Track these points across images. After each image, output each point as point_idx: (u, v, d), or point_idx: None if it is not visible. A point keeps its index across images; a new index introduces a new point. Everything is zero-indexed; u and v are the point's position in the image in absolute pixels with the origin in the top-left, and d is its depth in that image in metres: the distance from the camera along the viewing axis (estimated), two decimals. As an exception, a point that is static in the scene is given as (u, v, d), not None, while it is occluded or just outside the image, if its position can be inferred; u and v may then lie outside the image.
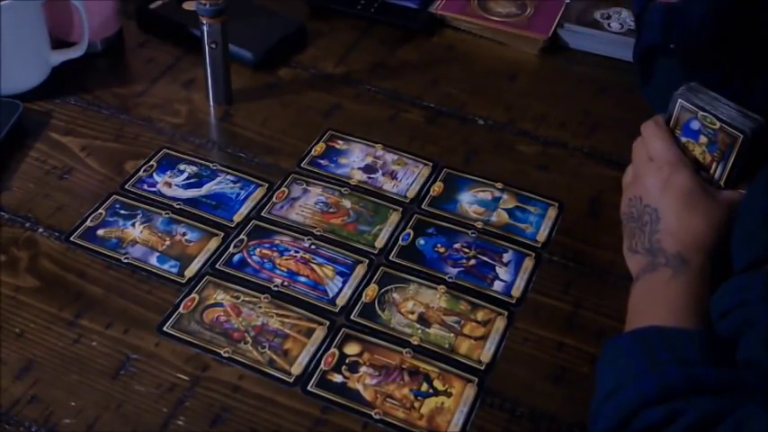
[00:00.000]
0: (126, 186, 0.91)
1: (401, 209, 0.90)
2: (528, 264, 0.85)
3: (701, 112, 0.78)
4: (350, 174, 0.94)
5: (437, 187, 0.93)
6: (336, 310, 0.80)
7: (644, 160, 0.80)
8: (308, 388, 0.73)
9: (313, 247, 0.85)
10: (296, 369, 0.75)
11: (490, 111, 1.03)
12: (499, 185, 0.92)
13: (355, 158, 0.96)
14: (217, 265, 0.83)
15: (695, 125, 0.79)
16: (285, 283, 0.82)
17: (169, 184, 0.92)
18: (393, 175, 0.94)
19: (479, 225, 0.88)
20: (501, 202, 0.91)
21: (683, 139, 0.80)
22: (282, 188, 0.92)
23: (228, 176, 0.93)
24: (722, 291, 0.67)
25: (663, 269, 0.73)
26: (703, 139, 0.78)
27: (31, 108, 0.99)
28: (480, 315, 0.80)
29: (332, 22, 1.17)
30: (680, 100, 0.79)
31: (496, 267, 0.84)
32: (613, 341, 0.69)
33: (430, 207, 0.90)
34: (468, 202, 0.91)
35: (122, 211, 0.88)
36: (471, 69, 1.11)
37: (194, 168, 0.94)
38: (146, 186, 0.91)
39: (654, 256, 0.74)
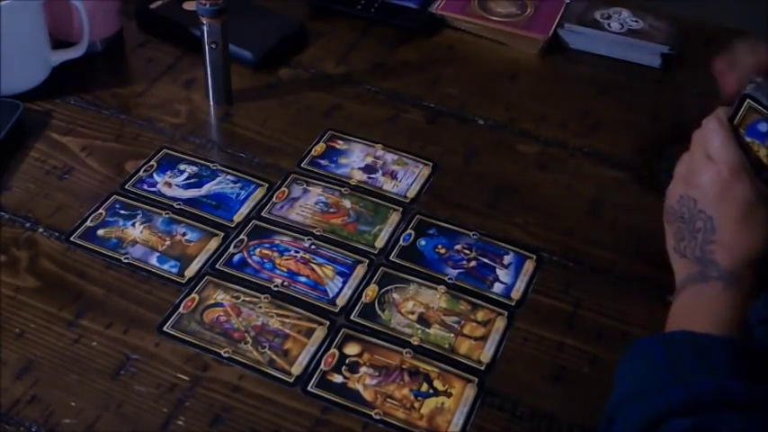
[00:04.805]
0: (126, 186, 0.91)
1: (401, 209, 0.90)
2: (529, 266, 0.85)
3: None
4: (350, 174, 0.94)
5: (437, 187, 0.93)
6: (336, 311, 0.80)
7: (702, 156, 0.75)
8: (308, 388, 0.73)
9: (313, 247, 0.85)
10: (296, 369, 0.75)
11: (490, 111, 1.03)
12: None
13: (355, 158, 0.96)
14: (217, 266, 0.83)
15: (763, 127, 0.74)
16: (285, 283, 0.82)
17: (169, 184, 0.92)
18: (393, 175, 0.94)
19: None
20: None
21: (748, 139, 0.74)
22: (282, 188, 0.92)
23: (228, 176, 0.93)
24: (764, 298, 0.65)
25: (714, 282, 0.70)
26: None
27: (31, 108, 0.99)
28: (480, 315, 0.80)
29: (332, 22, 1.17)
30: (748, 100, 0.74)
31: (497, 269, 0.84)
32: (640, 341, 0.67)
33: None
34: (469, 202, 0.91)
35: (122, 211, 0.88)
36: (471, 69, 1.11)
37: (194, 168, 0.94)
38: (146, 186, 0.91)
39: (705, 266, 0.72)
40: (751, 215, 0.72)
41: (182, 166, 0.94)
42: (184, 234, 0.86)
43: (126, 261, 0.83)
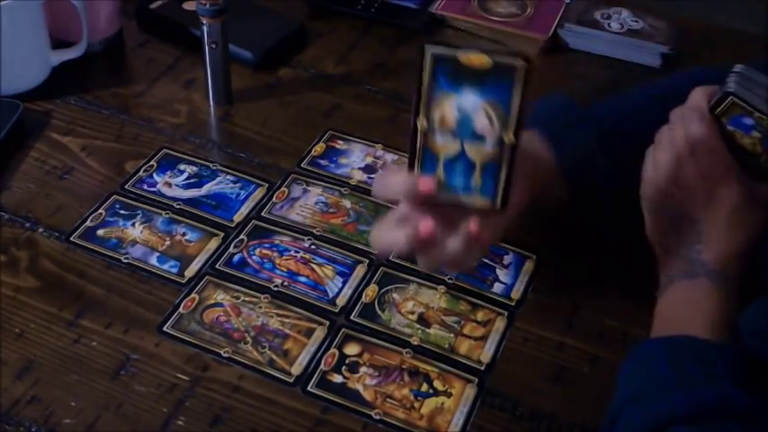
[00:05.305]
0: (126, 186, 0.91)
1: (401, 209, 0.90)
2: (529, 266, 0.85)
3: (758, 113, 0.70)
4: (350, 174, 0.94)
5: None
6: (336, 311, 0.80)
7: (685, 149, 0.71)
8: (308, 388, 0.73)
9: (313, 247, 0.85)
10: (296, 369, 0.75)
11: (490, 111, 1.03)
12: None
13: (355, 158, 0.96)
14: (217, 266, 0.83)
15: (748, 121, 0.71)
16: (285, 283, 0.82)
17: (169, 184, 0.92)
18: (393, 176, 0.94)
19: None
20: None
21: (731, 128, 0.71)
22: (282, 188, 0.92)
23: (228, 176, 0.93)
24: (756, 308, 0.65)
25: (701, 279, 0.70)
26: (756, 134, 0.71)
27: (31, 108, 0.99)
28: (480, 315, 0.80)
29: (332, 22, 1.17)
30: (732, 97, 0.70)
31: (497, 269, 0.84)
32: (644, 344, 0.68)
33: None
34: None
35: (122, 211, 0.88)
36: (471, 69, 1.10)
37: (194, 168, 0.94)
38: (146, 186, 0.91)
39: (692, 264, 0.72)
40: (738, 218, 0.71)
41: (182, 166, 0.94)
42: (184, 234, 0.86)
43: (126, 261, 0.83)
